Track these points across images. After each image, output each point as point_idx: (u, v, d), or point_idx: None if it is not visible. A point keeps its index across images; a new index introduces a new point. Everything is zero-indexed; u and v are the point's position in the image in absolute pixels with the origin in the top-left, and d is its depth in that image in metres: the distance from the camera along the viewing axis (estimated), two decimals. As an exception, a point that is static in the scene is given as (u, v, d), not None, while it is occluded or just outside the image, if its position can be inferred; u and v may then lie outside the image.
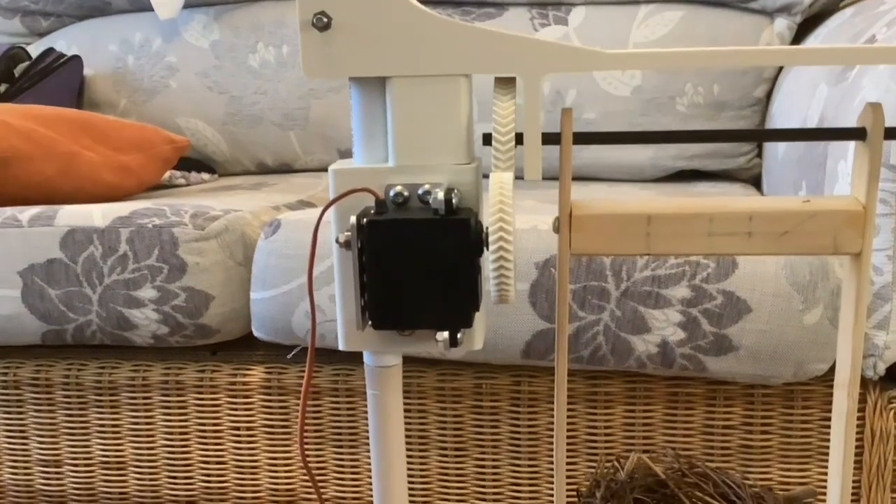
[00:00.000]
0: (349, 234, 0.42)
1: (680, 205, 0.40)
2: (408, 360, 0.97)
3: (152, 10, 1.55)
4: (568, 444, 0.95)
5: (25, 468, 1.06)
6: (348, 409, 0.98)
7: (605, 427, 0.95)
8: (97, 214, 0.98)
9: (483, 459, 0.97)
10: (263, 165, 1.58)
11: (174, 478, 1.04)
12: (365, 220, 0.42)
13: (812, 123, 1.06)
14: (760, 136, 0.43)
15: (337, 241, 0.44)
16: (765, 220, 0.39)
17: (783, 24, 1.41)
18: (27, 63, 1.48)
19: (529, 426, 0.96)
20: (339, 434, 0.99)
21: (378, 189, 0.44)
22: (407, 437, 0.98)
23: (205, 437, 1.02)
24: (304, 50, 0.42)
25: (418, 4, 0.42)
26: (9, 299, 0.98)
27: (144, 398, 1.03)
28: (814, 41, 1.34)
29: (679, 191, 1.35)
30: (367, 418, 0.98)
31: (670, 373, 0.90)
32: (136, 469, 1.04)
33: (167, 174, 1.42)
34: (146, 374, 1.02)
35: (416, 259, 0.42)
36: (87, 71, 1.58)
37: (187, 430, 1.02)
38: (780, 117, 1.32)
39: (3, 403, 1.05)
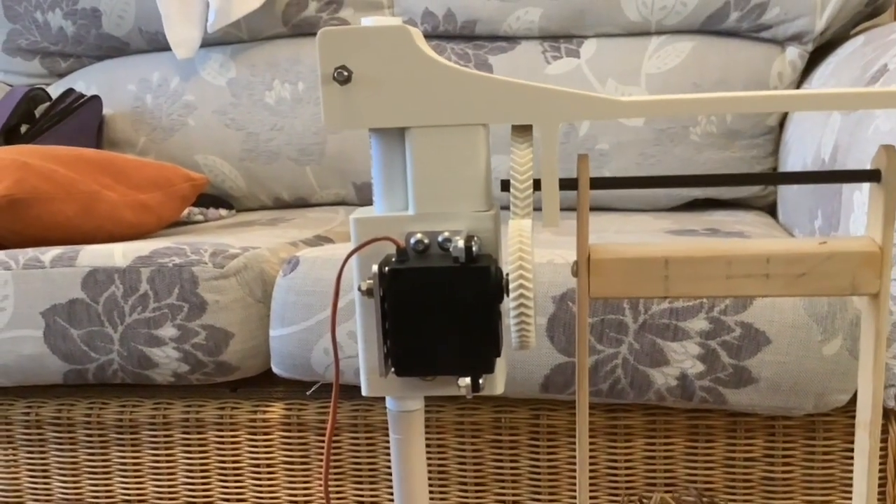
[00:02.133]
0: (371, 281, 0.43)
1: (698, 248, 0.41)
2: (425, 397, 0.97)
3: (170, 49, 1.57)
4: (589, 478, 0.95)
5: (48, 507, 1.07)
6: (368, 445, 0.99)
7: (626, 460, 0.95)
8: (118, 254, 0.99)
9: (503, 494, 0.97)
10: (280, 200, 1.59)
11: (195, 515, 1.04)
12: (387, 268, 0.43)
13: (826, 152, 1.07)
14: (774, 179, 0.43)
15: (359, 289, 0.44)
16: (782, 262, 0.40)
17: (795, 53, 1.41)
18: (47, 104, 1.50)
19: (549, 460, 0.95)
20: (359, 470, 1.00)
21: (398, 237, 0.45)
22: (427, 472, 0.98)
23: (225, 475, 1.02)
24: (326, 103, 0.43)
25: (436, 57, 0.43)
26: (31, 339, 0.99)
27: (165, 436, 1.03)
28: (824, 70, 1.34)
29: (694, 219, 1.35)
30: (386, 454, 0.98)
31: (690, 405, 0.90)
32: (157, 507, 1.04)
33: (186, 211, 1.43)
34: (167, 411, 1.03)
35: (438, 306, 0.42)
36: (106, 110, 1.61)
37: (207, 467, 1.03)
38: (793, 145, 1.33)
39: (25, 443, 1.06)
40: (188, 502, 1.04)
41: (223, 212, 1.52)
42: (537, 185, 0.43)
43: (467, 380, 0.44)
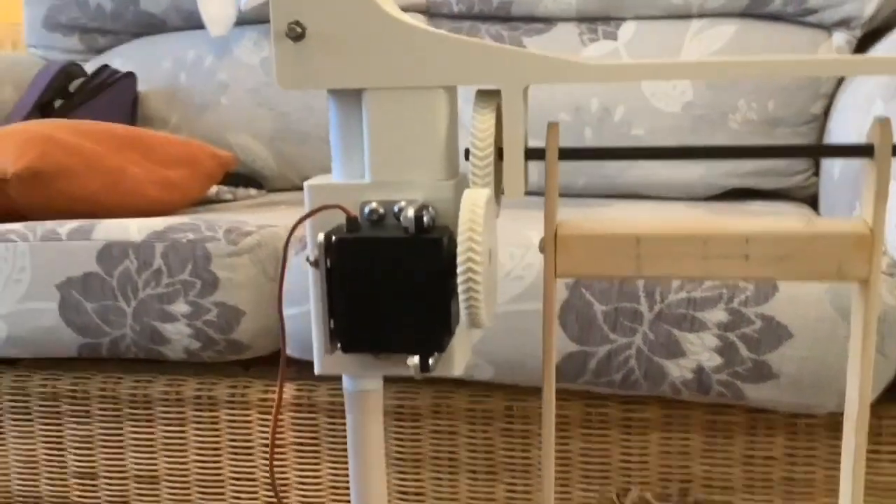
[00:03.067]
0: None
1: (672, 225, 0.38)
2: (436, 381, 0.95)
3: (205, 28, 1.57)
4: (600, 471, 0.92)
5: (62, 480, 1.07)
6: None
7: (640, 455, 0.92)
8: (133, 229, 0.99)
9: (514, 484, 0.95)
10: (311, 181, 1.58)
11: (205, 493, 1.03)
12: (333, 237, 0.41)
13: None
14: (763, 152, 0.40)
15: (308, 259, 0.42)
16: (762, 243, 0.36)
17: (842, 39, 1.36)
18: (82, 79, 1.51)
19: (561, 450, 0.93)
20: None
21: (353, 206, 0.42)
22: (436, 459, 0.96)
23: (236, 453, 1.02)
24: (278, 60, 0.40)
25: (395, 14, 0.40)
26: (47, 312, 0.99)
27: (178, 412, 1.03)
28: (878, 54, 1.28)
29: (730, 209, 1.31)
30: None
31: (707, 400, 0.86)
32: (168, 484, 1.04)
33: (214, 189, 1.43)
34: (180, 388, 1.02)
35: (386, 279, 0.40)
36: (141, 87, 1.61)
37: (219, 445, 1.02)
38: (837, 134, 1.27)
39: (41, 415, 1.06)
40: (199, 479, 1.03)
41: (252, 191, 1.52)
42: (502, 154, 0.41)
43: (415, 359, 0.42)
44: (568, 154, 0.39)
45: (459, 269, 0.38)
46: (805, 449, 0.88)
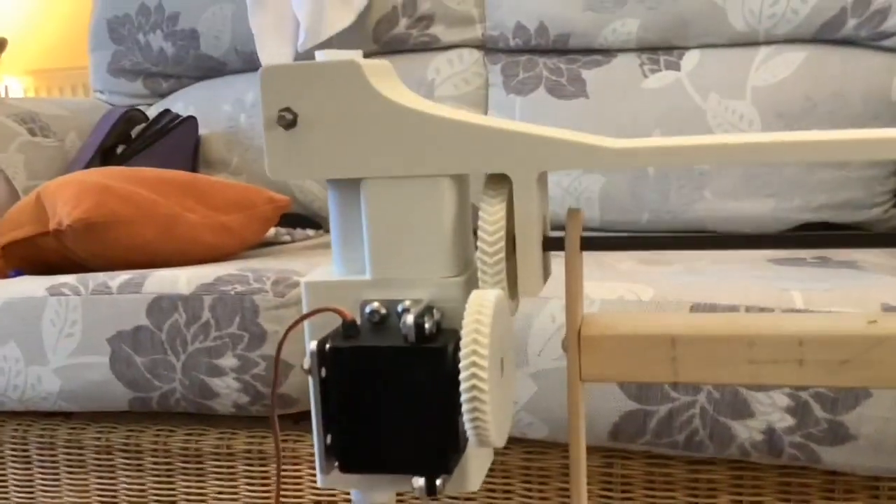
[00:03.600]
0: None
1: (713, 324, 0.34)
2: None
3: (263, 69, 1.57)
4: (665, 534, 0.87)
5: (116, 533, 1.06)
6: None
7: (708, 517, 0.86)
8: (182, 281, 0.98)
9: (573, 546, 0.90)
10: (369, 220, 1.56)
11: (257, 549, 1.01)
12: (327, 346, 0.37)
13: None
14: (814, 240, 0.35)
15: (303, 368, 0.39)
16: (819, 345, 0.32)
17: (921, 63, 1.28)
18: (143, 125, 1.53)
19: (623, 513, 0.88)
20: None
21: (354, 305, 0.39)
22: (492, 518, 0.92)
23: (287, 509, 0.99)
24: (269, 149, 0.37)
25: (391, 96, 0.37)
26: (98, 366, 0.98)
27: (229, 467, 1.01)
28: (956, 80, 1.21)
29: (804, 253, 1.24)
30: (449, 497, 0.92)
31: (780, 462, 0.81)
32: (221, 538, 1.02)
33: (273, 231, 1.42)
34: (231, 441, 1.01)
35: (386, 393, 0.36)
36: (202, 131, 1.62)
37: (269, 500, 1.00)
38: (918, 165, 1.20)
39: (95, 468, 1.06)
40: (251, 535, 1.01)
41: (310, 232, 1.50)
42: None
43: (421, 480, 0.38)
44: (591, 244, 0.35)
45: (463, 384, 0.34)
46: (889, 515, 0.81)
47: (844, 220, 1.31)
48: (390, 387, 0.36)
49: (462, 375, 0.34)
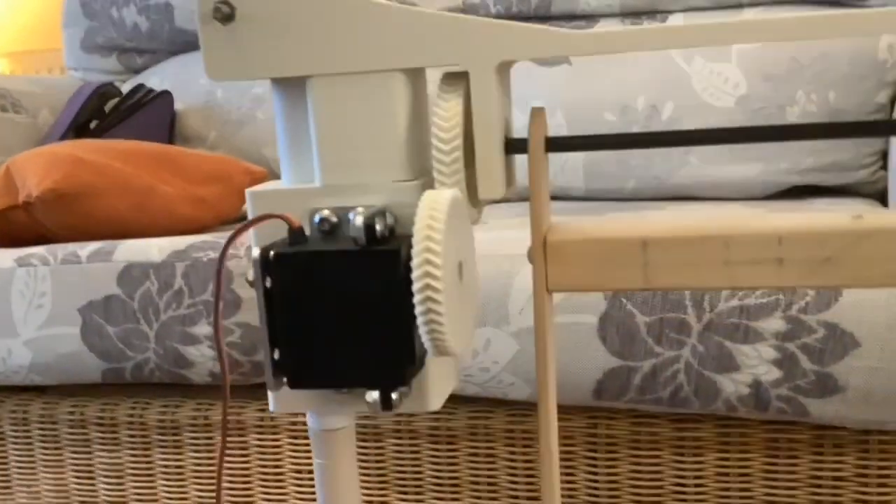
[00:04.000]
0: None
1: (686, 226, 0.31)
2: (474, 401, 0.89)
3: (239, 41, 1.54)
4: (652, 495, 0.85)
5: (93, 509, 1.04)
6: (412, 452, 0.91)
7: (696, 477, 0.84)
8: (154, 249, 0.95)
9: (558, 510, 0.88)
10: (351, 194, 1.54)
11: (237, 522, 0.99)
12: (271, 253, 0.35)
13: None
14: (807, 132, 0.33)
15: (246, 279, 0.37)
16: (799, 242, 0.30)
17: (907, 21, 1.26)
18: (117, 99, 1.50)
19: (608, 473, 0.86)
20: (404, 479, 0.92)
21: (304, 215, 0.36)
22: (475, 483, 0.90)
23: (266, 480, 0.97)
24: (205, 47, 0.35)
25: None
26: (69, 337, 0.96)
27: (206, 438, 0.99)
28: (943, 36, 1.19)
29: (792, 209, 1.23)
30: (432, 462, 0.90)
31: (767, 417, 0.79)
32: (200, 512, 1.00)
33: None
34: (208, 412, 0.98)
35: (335, 301, 0.34)
36: (178, 105, 1.59)
37: (249, 471, 0.98)
38: (905, 123, 1.18)
39: (70, 443, 1.03)
40: (230, 508, 0.99)
41: (291, 206, 1.48)
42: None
43: (375, 394, 0.35)
44: (557, 144, 0.33)
45: (415, 287, 0.32)
46: (879, 468, 0.79)
47: (832, 183, 1.29)
48: (340, 295, 0.34)
49: (415, 276, 0.31)
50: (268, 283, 0.36)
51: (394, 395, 0.35)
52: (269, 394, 0.40)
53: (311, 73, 0.35)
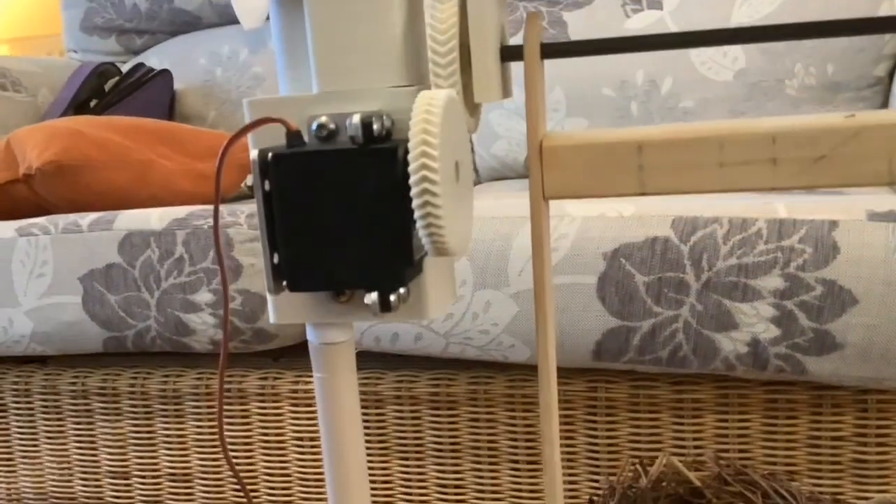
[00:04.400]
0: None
1: (680, 129, 0.32)
2: (473, 366, 0.89)
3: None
4: (651, 457, 0.85)
5: (95, 480, 1.04)
6: (413, 418, 0.92)
7: (694, 438, 0.84)
8: (154, 217, 0.95)
9: (559, 474, 0.88)
10: (350, 173, 1.54)
11: (239, 489, 0.99)
12: (270, 154, 0.35)
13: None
14: (800, 30, 0.32)
15: (244, 185, 0.37)
16: (794, 141, 0.30)
17: (905, -6, 1.26)
18: (117, 78, 1.50)
19: (608, 436, 0.86)
20: (405, 444, 0.93)
21: (302, 123, 0.37)
22: (476, 448, 0.90)
23: (268, 447, 0.98)
24: None
25: None
26: (71, 306, 0.96)
27: (208, 407, 0.99)
28: (941, 7, 1.19)
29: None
30: (433, 428, 0.91)
31: (765, 376, 0.79)
32: (202, 481, 1.00)
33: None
34: (209, 381, 0.99)
35: (333, 202, 0.34)
36: (177, 85, 1.60)
37: (251, 439, 0.98)
38: (903, 94, 1.18)
39: (72, 413, 1.04)
40: (232, 476, 0.99)
41: (290, 184, 1.48)
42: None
43: (374, 295, 0.36)
44: (552, 51, 0.33)
45: (413, 184, 0.32)
46: (877, 427, 0.80)
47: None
48: (338, 196, 0.34)
49: (412, 174, 0.32)
50: (266, 186, 0.36)
51: (392, 298, 0.36)
52: (269, 303, 0.40)
53: None
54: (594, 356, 0.81)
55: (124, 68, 1.62)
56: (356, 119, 0.34)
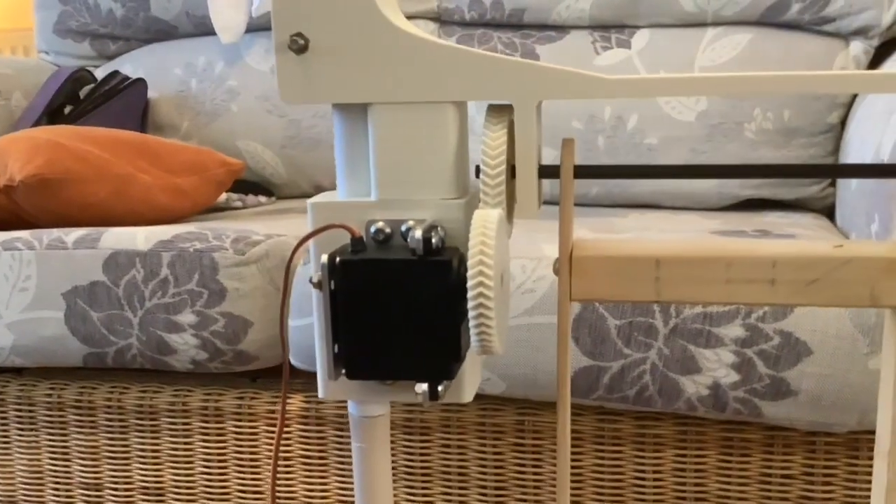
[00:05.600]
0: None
1: (693, 247, 0.36)
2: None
3: (216, 34, 1.56)
4: (613, 488, 0.91)
5: (67, 491, 1.06)
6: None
7: (654, 472, 0.90)
8: (140, 238, 0.97)
9: (524, 500, 0.93)
10: (321, 188, 1.57)
11: (211, 506, 1.02)
12: (338, 259, 0.39)
13: (885, 154, 1.00)
14: (787, 171, 0.38)
15: (311, 281, 0.41)
16: (790, 266, 0.35)
17: (859, 48, 1.34)
18: (92, 85, 1.50)
19: (574, 467, 0.91)
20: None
21: (359, 225, 0.41)
22: (447, 474, 0.95)
23: (242, 466, 1.00)
24: (281, 74, 0.39)
25: (402, 25, 0.39)
26: (53, 321, 0.98)
27: (184, 423, 1.01)
28: (892, 66, 1.26)
29: (745, 220, 1.29)
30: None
31: (724, 417, 0.85)
32: (174, 495, 1.03)
33: (224, 196, 1.42)
34: (186, 399, 1.01)
35: (393, 303, 0.38)
36: (151, 94, 1.60)
37: (225, 457, 1.01)
38: (854, 145, 1.25)
39: (46, 424, 1.05)
40: (206, 491, 1.02)
41: (262, 198, 1.50)
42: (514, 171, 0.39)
43: (424, 386, 0.40)
44: (584, 172, 0.37)
45: (470, 294, 0.36)
46: (824, 468, 0.86)
47: (784, 197, 1.37)
48: (397, 298, 0.38)
49: (470, 284, 0.36)
50: (332, 286, 0.40)
51: (440, 387, 0.40)
52: (320, 382, 0.44)
53: (373, 101, 0.39)
54: (565, 392, 0.85)
55: (98, 73, 1.62)
56: (418, 234, 0.38)
